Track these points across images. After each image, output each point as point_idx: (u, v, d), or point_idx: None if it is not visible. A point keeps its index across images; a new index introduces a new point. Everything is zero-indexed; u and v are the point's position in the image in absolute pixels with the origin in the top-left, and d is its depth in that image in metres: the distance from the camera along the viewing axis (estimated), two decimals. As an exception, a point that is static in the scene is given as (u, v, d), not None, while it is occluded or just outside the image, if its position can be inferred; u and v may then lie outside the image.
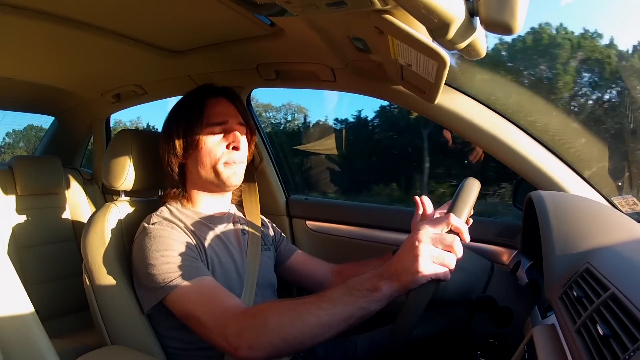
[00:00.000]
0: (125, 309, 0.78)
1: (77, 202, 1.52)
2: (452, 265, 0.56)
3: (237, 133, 0.84)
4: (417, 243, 0.56)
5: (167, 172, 0.87)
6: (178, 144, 0.84)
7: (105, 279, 0.80)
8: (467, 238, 0.58)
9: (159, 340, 0.78)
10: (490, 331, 0.67)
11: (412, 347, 0.75)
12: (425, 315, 0.58)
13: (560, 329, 0.45)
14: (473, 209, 0.62)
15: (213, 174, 0.83)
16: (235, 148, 0.84)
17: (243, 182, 1.01)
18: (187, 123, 0.84)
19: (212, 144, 0.83)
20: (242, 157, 0.86)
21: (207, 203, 0.88)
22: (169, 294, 0.70)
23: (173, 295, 0.69)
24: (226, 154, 0.83)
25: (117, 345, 0.80)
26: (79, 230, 1.48)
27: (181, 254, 0.73)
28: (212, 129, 0.83)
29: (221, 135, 0.84)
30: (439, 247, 0.56)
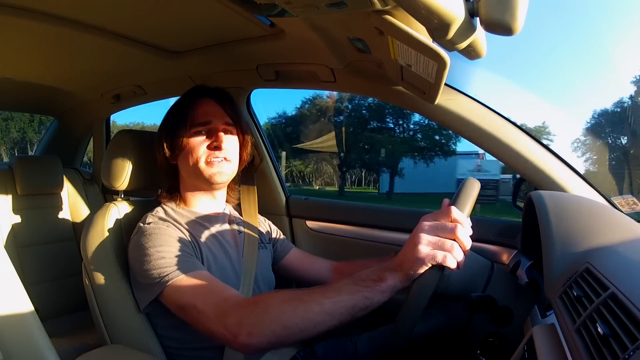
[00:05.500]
0: (125, 308, 0.78)
1: (77, 202, 1.52)
2: (454, 251, 0.57)
3: (221, 133, 0.84)
4: (418, 232, 0.58)
5: (161, 172, 0.88)
6: (166, 146, 0.85)
7: (105, 278, 0.80)
8: (469, 231, 0.59)
9: (158, 340, 0.78)
10: (490, 330, 0.67)
11: (412, 346, 0.75)
12: (425, 313, 0.58)
13: (560, 329, 0.45)
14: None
15: (196, 173, 0.84)
16: (217, 147, 0.83)
17: (242, 183, 1.01)
18: (173, 125, 0.85)
19: (195, 144, 0.83)
20: (225, 155, 0.84)
21: (200, 202, 0.89)
22: (166, 288, 0.70)
23: (169, 289, 0.69)
24: (208, 153, 0.83)
25: (116, 344, 0.80)
26: (78, 230, 1.48)
27: (176, 250, 0.73)
28: (196, 129, 0.84)
29: (204, 135, 0.84)
30: (438, 235, 0.58)
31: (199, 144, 0.83)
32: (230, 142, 0.86)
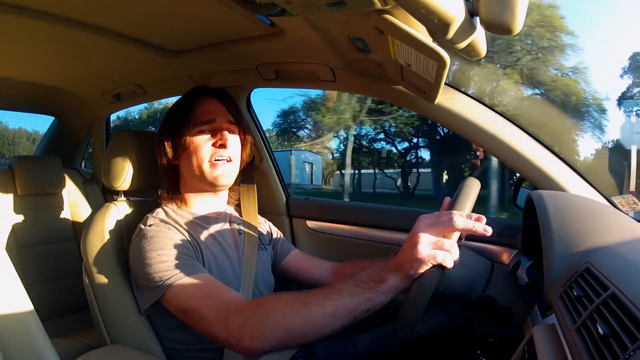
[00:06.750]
0: (125, 308, 0.78)
1: (77, 202, 1.52)
2: (452, 251, 0.57)
3: (225, 131, 0.83)
4: (416, 232, 0.58)
5: (161, 173, 0.87)
6: (167, 145, 0.84)
7: (105, 278, 0.80)
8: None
9: (158, 340, 0.78)
10: (490, 331, 0.67)
11: (413, 346, 0.75)
12: (426, 313, 0.58)
13: (560, 329, 0.45)
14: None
15: (200, 175, 0.83)
16: (222, 146, 0.82)
17: (242, 183, 1.01)
18: (175, 124, 0.84)
19: (199, 143, 0.82)
20: (230, 154, 0.84)
21: (201, 204, 0.88)
22: (167, 292, 0.70)
23: (171, 292, 0.69)
24: (212, 152, 0.82)
25: (117, 344, 0.80)
26: (79, 230, 1.48)
27: (177, 253, 0.73)
28: (199, 128, 0.83)
29: (209, 134, 0.83)
30: (437, 235, 0.58)
31: (203, 142, 0.82)
32: (234, 141, 0.86)
